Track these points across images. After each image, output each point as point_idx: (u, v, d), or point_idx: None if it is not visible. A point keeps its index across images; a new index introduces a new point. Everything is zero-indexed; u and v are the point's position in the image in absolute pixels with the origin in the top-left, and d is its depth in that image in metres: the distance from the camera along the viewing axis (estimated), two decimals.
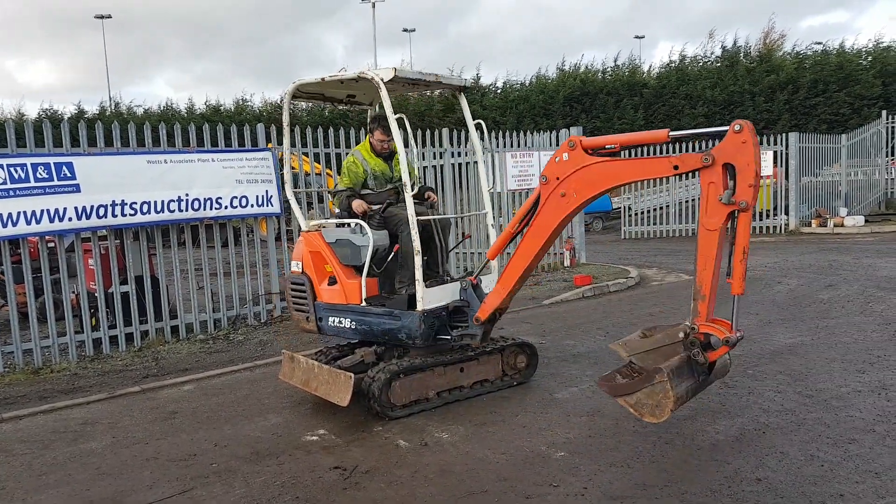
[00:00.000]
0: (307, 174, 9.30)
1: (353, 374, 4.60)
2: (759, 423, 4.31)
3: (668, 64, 32.15)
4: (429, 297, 4.80)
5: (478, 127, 5.45)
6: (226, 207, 7.59)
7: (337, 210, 5.54)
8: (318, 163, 8.95)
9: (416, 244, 4.72)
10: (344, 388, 4.58)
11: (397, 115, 4.76)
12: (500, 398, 5.01)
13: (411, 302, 4.82)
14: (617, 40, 76.08)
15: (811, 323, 7.02)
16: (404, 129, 5.31)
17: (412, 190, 4.80)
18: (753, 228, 16.45)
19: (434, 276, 5.25)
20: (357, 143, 8.99)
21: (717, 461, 3.77)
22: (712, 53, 32.27)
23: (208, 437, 4.48)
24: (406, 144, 5.62)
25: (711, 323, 3.78)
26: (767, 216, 16.65)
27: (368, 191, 5.42)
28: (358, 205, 5.18)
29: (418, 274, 4.72)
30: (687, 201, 17.22)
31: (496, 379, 5.24)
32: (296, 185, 8.80)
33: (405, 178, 4.74)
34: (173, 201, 7.17)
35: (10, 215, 6.23)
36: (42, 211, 6.39)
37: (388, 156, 5.53)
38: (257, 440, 4.39)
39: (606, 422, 4.44)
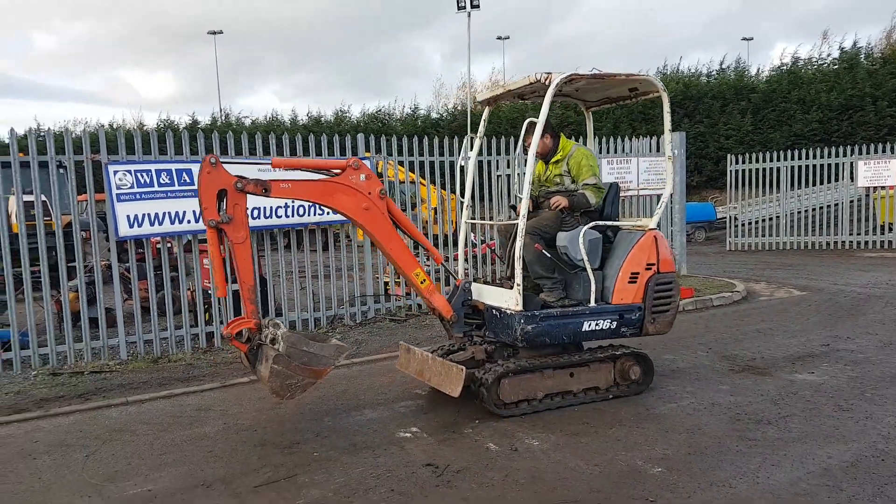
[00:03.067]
0: (402, 182, 9.54)
1: (464, 368, 4.73)
2: (877, 449, 4.02)
3: (778, 67, 30.51)
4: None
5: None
6: (328, 213, 7.92)
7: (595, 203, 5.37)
8: (412, 172, 9.16)
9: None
10: (456, 380, 4.72)
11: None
12: (592, 410, 4.94)
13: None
14: (724, 42, 72.69)
15: None
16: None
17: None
18: (874, 243, 15.33)
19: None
20: (441, 151, 9.13)
21: (829, 486, 3.56)
22: (828, 55, 30.33)
23: (310, 428, 4.70)
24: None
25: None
26: (890, 229, 15.42)
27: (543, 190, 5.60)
28: None
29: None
30: (799, 212, 16.25)
31: (607, 387, 5.17)
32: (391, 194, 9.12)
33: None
34: (280, 207, 7.59)
35: (136, 217, 6.80)
36: (164, 213, 6.93)
37: (545, 158, 5.53)
38: (355, 433, 4.57)
39: (708, 440, 4.28)
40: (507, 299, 4.92)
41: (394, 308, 8.95)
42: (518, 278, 4.83)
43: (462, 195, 5.95)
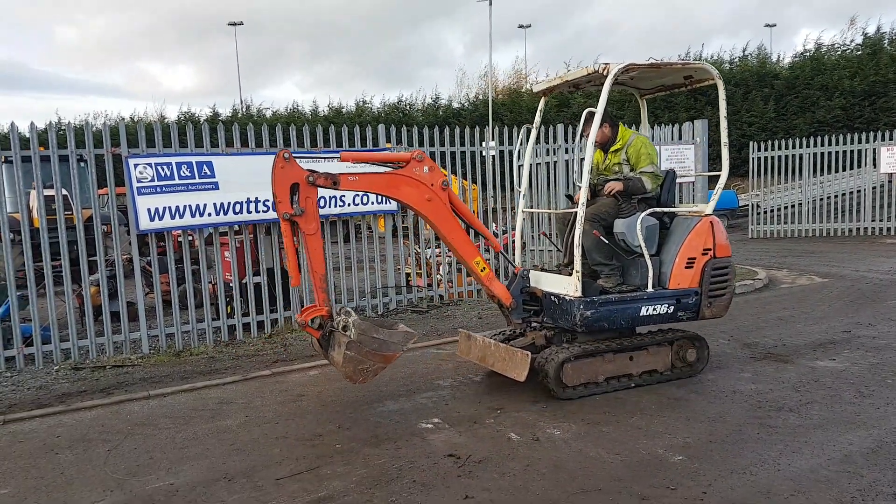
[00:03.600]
0: None
1: (529, 353, 4.89)
2: None
3: (801, 53, 30.03)
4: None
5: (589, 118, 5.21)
6: (348, 205, 7.96)
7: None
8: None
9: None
10: (521, 365, 4.88)
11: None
12: (614, 399, 4.94)
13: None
14: (748, 28, 71.21)
15: None
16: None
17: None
18: (894, 229, 15.11)
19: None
20: (462, 141, 9.15)
21: (850, 473, 3.55)
22: (852, 41, 29.78)
23: (332, 420, 4.75)
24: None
25: None
26: None
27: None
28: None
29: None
30: (821, 198, 16.02)
31: (665, 370, 5.30)
32: None
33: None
34: None
35: (156, 210, 6.84)
36: (185, 206, 6.98)
37: (603, 147, 5.66)
38: (377, 425, 4.60)
39: (728, 428, 4.27)
40: (567, 286, 5.04)
41: (416, 299, 8.99)
42: (577, 265, 4.94)
43: (520, 185, 6.05)
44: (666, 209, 5.34)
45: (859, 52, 28.05)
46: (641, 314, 5.08)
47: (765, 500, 3.31)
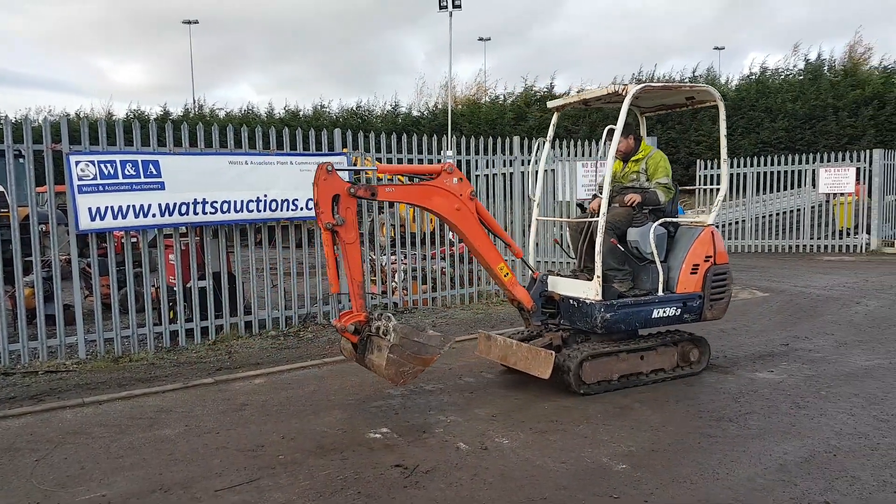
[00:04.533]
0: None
1: (553, 353, 5.15)
2: (830, 445, 4.14)
3: (748, 76, 31.16)
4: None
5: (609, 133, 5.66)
6: (301, 209, 7.83)
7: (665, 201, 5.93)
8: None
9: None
10: (545, 363, 5.13)
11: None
12: (562, 408, 4.98)
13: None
14: (703, 49, 73.80)
15: (890, 346, 6.68)
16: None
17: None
18: (832, 247, 15.74)
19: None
20: (420, 149, 9.18)
21: (784, 482, 3.65)
22: (795, 66, 31.07)
23: (276, 430, 4.63)
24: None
25: None
26: (847, 234, 15.91)
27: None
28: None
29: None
30: (764, 216, 16.63)
31: (671, 369, 5.66)
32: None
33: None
34: (252, 202, 7.45)
35: (98, 209, 6.59)
36: (128, 206, 6.74)
37: (626, 157, 6.07)
38: (323, 435, 4.52)
39: (671, 437, 4.35)
40: (586, 290, 5.40)
41: (370, 306, 8.89)
42: (598, 270, 5.31)
43: (534, 194, 6.44)
44: (672, 219, 5.79)
45: (801, 77, 29.27)
46: (653, 316, 5.50)
47: None
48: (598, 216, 5.38)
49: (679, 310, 5.58)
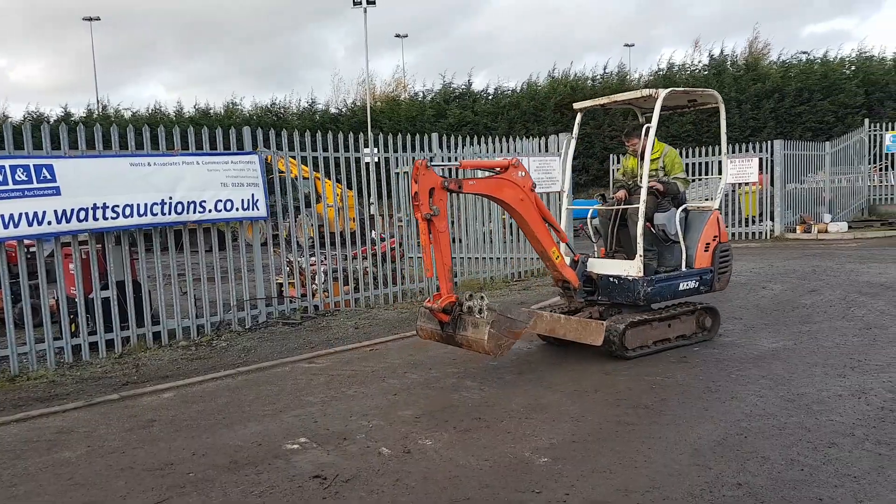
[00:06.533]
0: (294, 178, 9.23)
1: (604, 322, 5.83)
2: (741, 427, 4.29)
3: (656, 72, 32.38)
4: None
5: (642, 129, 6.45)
6: (210, 211, 7.51)
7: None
8: (306, 167, 8.91)
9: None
10: (597, 332, 5.77)
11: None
12: (484, 405, 4.96)
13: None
14: (619, 45, 76.16)
15: (794, 328, 7.04)
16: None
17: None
18: (739, 234, 16.54)
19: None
20: (336, 147, 9.04)
21: (699, 466, 3.75)
22: (699, 62, 32.55)
23: (186, 446, 4.40)
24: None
25: None
26: (753, 222, 16.77)
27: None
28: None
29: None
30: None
31: (691, 335, 6.42)
32: (283, 190, 8.84)
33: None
34: (156, 204, 7.08)
35: None
36: (21, 214, 6.29)
37: (643, 155, 6.44)
38: (237, 449, 4.31)
39: (589, 427, 4.41)
40: (628, 268, 6.07)
41: (288, 311, 8.64)
42: (639, 250, 5.97)
43: (564, 186, 7.25)
44: (687, 205, 6.61)
45: (706, 73, 30.68)
46: (680, 289, 6.29)
47: (623, 498, 3.42)
48: (623, 205, 6.30)
49: (697, 282, 6.37)
